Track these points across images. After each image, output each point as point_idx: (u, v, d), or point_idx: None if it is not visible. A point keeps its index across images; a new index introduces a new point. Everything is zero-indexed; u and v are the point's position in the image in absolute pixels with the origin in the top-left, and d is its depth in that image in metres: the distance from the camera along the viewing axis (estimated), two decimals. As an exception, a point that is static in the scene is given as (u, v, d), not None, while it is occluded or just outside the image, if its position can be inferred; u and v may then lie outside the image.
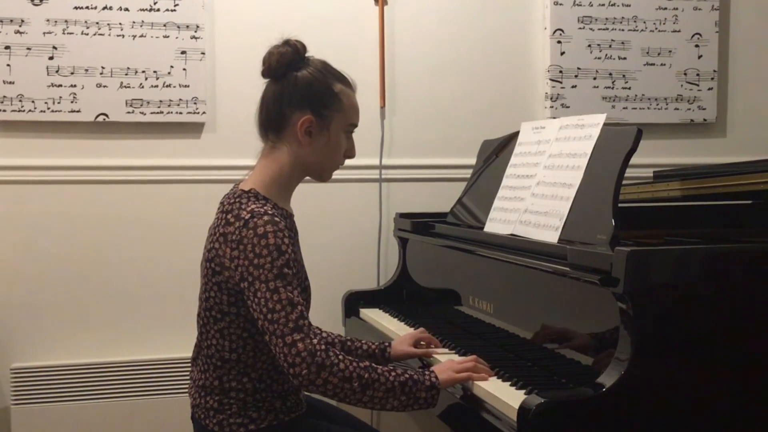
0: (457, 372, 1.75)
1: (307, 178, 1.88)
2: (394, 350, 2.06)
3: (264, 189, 1.77)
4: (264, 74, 1.82)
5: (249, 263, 1.66)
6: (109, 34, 2.76)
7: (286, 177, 1.81)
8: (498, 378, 1.76)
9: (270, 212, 1.69)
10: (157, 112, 2.80)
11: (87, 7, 2.74)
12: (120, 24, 2.76)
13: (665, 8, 3.15)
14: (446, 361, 1.83)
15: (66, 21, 2.72)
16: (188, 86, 2.81)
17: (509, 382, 1.72)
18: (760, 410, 1.59)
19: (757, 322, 1.59)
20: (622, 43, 3.12)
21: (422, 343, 2.09)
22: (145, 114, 2.79)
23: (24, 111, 2.72)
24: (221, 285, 1.73)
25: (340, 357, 1.64)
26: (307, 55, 1.83)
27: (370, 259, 3.00)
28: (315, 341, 1.62)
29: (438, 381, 1.71)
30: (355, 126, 1.87)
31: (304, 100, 1.77)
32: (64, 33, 2.72)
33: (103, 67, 2.76)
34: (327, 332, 2.09)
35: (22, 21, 2.70)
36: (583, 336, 1.73)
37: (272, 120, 1.80)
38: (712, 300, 1.57)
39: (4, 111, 2.70)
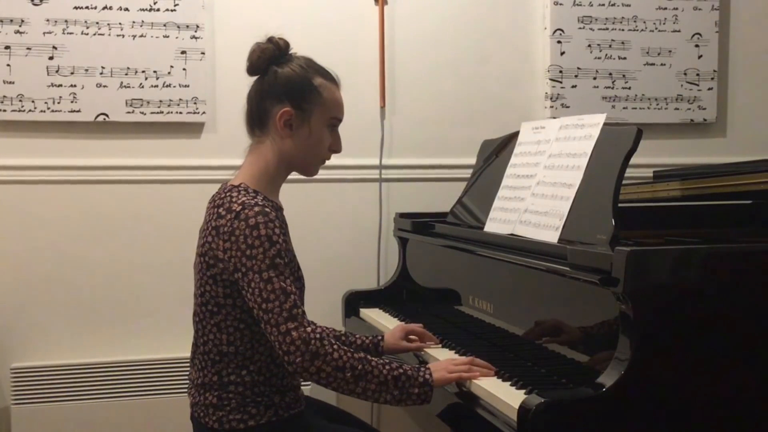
0: (449, 372, 1.77)
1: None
2: (386, 343, 2.09)
3: (253, 183, 1.80)
4: (248, 71, 1.86)
5: (242, 254, 1.67)
6: (109, 34, 2.76)
7: (272, 171, 1.83)
8: (498, 378, 1.77)
9: (260, 203, 1.72)
10: (157, 112, 2.80)
11: (87, 7, 2.74)
12: (120, 24, 2.76)
13: (665, 8, 3.15)
14: (444, 360, 1.85)
15: (66, 21, 2.72)
16: (188, 86, 2.82)
17: (509, 382, 1.72)
18: (760, 410, 1.59)
19: (757, 322, 1.59)
20: (622, 43, 3.12)
21: (412, 336, 2.12)
22: (145, 114, 2.79)
23: (24, 111, 2.72)
24: (216, 278, 1.74)
25: (335, 347, 1.66)
26: (291, 52, 1.86)
27: (370, 259, 3.00)
28: (309, 329, 1.65)
29: (432, 378, 1.73)
30: (339, 120, 1.89)
31: (284, 94, 1.81)
32: (64, 33, 2.72)
33: (103, 67, 2.76)
34: (321, 327, 2.09)
35: (22, 21, 2.70)
36: (582, 336, 1.73)
37: (255, 115, 1.84)
38: (712, 300, 1.57)
39: (4, 111, 2.71)
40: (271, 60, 1.83)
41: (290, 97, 1.80)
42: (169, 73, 2.80)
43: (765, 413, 1.59)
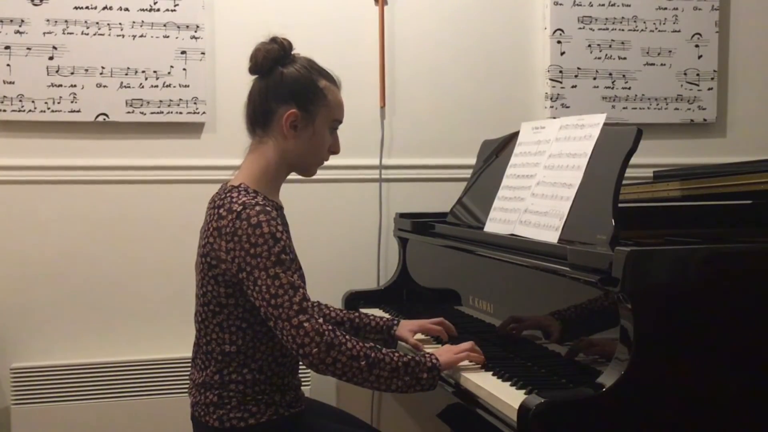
0: (455, 354, 1.83)
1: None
2: (398, 330, 2.13)
3: (253, 183, 1.80)
4: (251, 71, 1.86)
5: (246, 253, 1.67)
6: (109, 34, 2.76)
7: (273, 171, 1.84)
8: (498, 378, 1.77)
9: (261, 203, 1.72)
10: (157, 112, 2.80)
11: (87, 7, 2.74)
12: (120, 24, 2.76)
13: (665, 8, 3.14)
14: (445, 346, 1.90)
15: (66, 21, 2.72)
16: (188, 86, 2.81)
17: (509, 382, 1.72)
18: (760, 410, 1.59)
19: (757, 322, 1.59)
20: (622, 43, 3.12)
21: (427, 336, 2.14)
22: (145, 114, 2.79)
23: (24, 111, 2.71)
24: (218, 278, 1.74)
25: (347, 337, 1.69)
26: (293, 52, 1.85)
27: (370, 259, 3.00)
28: (321, 321, 1.67)
29: (439, 363, 1.77)
30: (339, 122, 1.90)
31: (290, 95, 1.81)
32: (64, 33, 2.72)
33: (103, 67, 2.76)
34: (336, 311, 2.12)
35: (22, 21, 2.70)
36: (583, 336, 1.73)
37: (259, 115, 1.84)
38: (712, 300, 1.57)
39: (4, 111, 2.70)
40: (276, 60, 1.83)
41: (296, 98, 1.81)
42: (169, 73, 2.80)
43: (764, 413, 1.59)
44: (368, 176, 3.00)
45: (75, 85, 2.74)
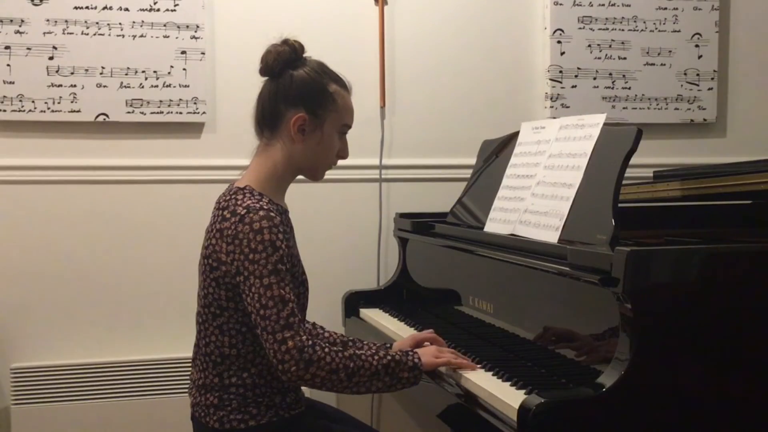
0: (436, 357, 1.82)
1: (303, 178, 1.90)
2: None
3: (259, 185, 1.80)
4: (261, 72, 1.85)
5: (245, 258, 1.68)
6: (109, 34, 2.76)
7: (280, 174, 1.83)
8: (498, 378, 1.77)
9: (266, 207, 1.71)
10: (157, 112, 2.80)
11: (87, 7, 2.74)
12: (120, 24, 2.76)
13: (665, 8, 3.15)
14: (430, 346, 1.89)
15: (66, 21, 2.72)
16: (188, 86, 2.81)
17: (509, 382, 1.72)
18: (759, 410, 1.59)
19: (757, 322, 1.59)
20: (622, 43, 3.12)
21: (426, 343, 2.10)
22: (145, 114, 2.79)
23: (24, 111, 2.71)
24: (219, 280, 1.74)
25: (326, 350, 1.68)
26: (304, 55, 1.85)
27: (370, 259, 3.00)
28: (304, 338, 1.66)
29: (420, 362, 1.77)
30: (349, 127, 1.89)
31: (299, 99, 1.80)
32: (64, 33, 2.72)
33: (103, 67, 2.76)
34: (329, 332, 2.10)
35: (22, 21, 2.70)
36: (583, 336, 1.73)
37: (267, 117, 1.83)
38: (712, 300, 1.57)
39: (4, 111, 2.70)
40: (286, 63, 1.81)
41: (305, 102, 1.80)
42: (169, 73, 2.80)
43: (765, 413, 1.59)
44: (368, 176, 3.00)
45: (75, 85, 2.74)
